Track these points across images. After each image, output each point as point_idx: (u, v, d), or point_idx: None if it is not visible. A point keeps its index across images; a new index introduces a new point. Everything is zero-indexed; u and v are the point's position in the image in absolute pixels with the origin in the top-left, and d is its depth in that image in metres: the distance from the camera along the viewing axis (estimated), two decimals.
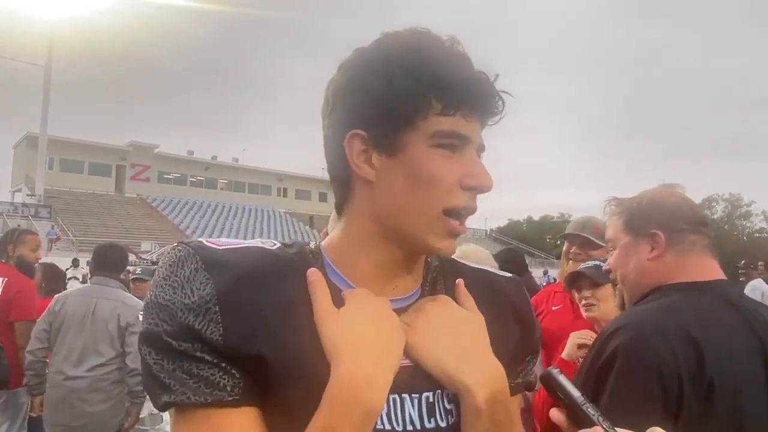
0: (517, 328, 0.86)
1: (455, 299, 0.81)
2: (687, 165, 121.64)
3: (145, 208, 42.69)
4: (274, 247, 0.78)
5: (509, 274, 0.96)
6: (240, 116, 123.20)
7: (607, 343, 1.17)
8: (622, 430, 0.71)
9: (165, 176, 48.23)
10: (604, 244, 2.79)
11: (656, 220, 1.31)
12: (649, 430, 0.69)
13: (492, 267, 1.01)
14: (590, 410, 0.76)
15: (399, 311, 0.77)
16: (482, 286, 0.86)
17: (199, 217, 42.29)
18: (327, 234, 1.00)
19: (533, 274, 5.48)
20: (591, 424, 0.74)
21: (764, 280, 7.69)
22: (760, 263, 8.41)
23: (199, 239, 0.75)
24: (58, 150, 39.99)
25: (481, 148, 0.78)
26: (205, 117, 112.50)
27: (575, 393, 0.79)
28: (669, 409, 1.07)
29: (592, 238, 2.78)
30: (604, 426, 0.73)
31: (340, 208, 0.81)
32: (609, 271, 1.46)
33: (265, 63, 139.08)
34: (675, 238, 1.28)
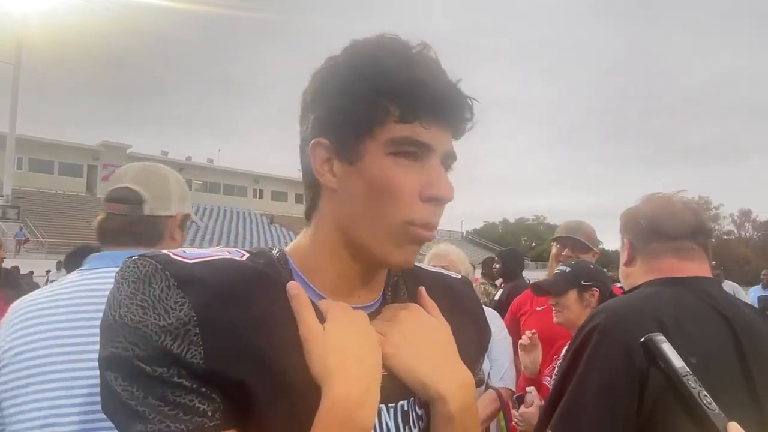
0: (474, 330, 0.90)
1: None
2: (659, 169, 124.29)
3: None
4: (243, 258, 0.75)
5: (459, 275, 0.99)
6: (215, 116, 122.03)
7: (584, 327, 1.28)
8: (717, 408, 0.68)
9: None
10: (594, 248, 2.84)
11: (627, 230, 1.50)
12: (729, 424, 0.68)
13: (466, 268, 1.03)
14: (691, 383, 0.73)
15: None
16: (442, 290, 0.88)
17: None
18: None
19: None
20: (690, 397, 0.71)
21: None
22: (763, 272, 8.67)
23: (164, 251, 0.70)
24: (27, 149, 39.08)
25: (448, 157, 0.75)
26: (179, 117, 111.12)
27: (677, 363, 0.75)
28: (634, 383, 1.13)
29: (585, 241, 2.82)
30: (705, 402, 0.71)
31: (308, 215, 0.80)
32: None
33: (242, 62, 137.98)
34: (639, 246, 1.46)
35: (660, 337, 0.77)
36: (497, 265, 5.64)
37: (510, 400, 2.56)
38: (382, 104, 0.70)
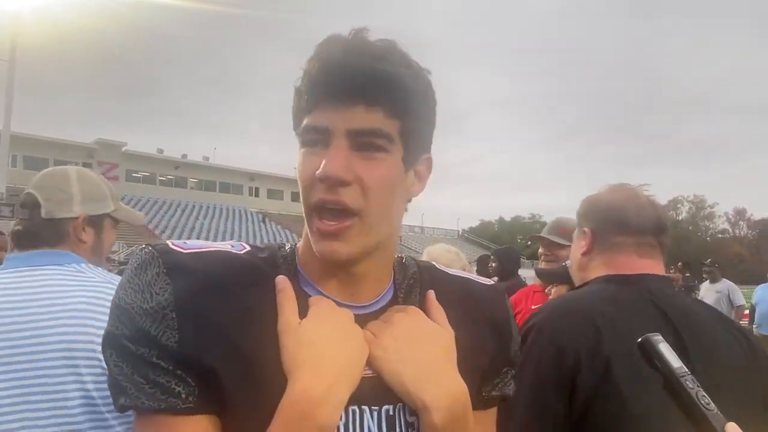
0: (494, 339, 0.85)
1: (425, 311, 0.79)
2: (656, 167, 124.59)
3: None
4: (242, 252, 0.76)
5: (490, 281, 0.94)
6: (211, 114, 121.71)
7: (526, 324, 1.28)
8: (716, 409, 0.68)
9: (133, 175, 47.29)
10: (567, 244, 2.86)
11: (589, 218, 1.44)
12: (727, 425, 0.67)
13: (464, 267, 1.01)
14: (689, 383, 0.71)
15: (364, 318, 0.76)
16: (459, 295, 0.85)
17: (168, 216, 41.55)
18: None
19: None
20: (688, 397, 0.70)
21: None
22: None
23: (168, 241, 0.74)
24: (22, 147, 38.93)
25: (362, 134, 0.69)
26: (175, 115, 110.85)
27: (675, 363, 0.73)
28: (563, 382, 1.15)
29: (554, 239, 2.84)
30: (702, 402, 0.68)
31: None
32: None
33: (237, 60, 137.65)
34: (600, 236, 1.40)
35: (657, 338, 0.75)
36: (493, 264, 5.65)
37: None
38: (301, 97, 0.73)
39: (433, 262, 0.92)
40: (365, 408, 0.71)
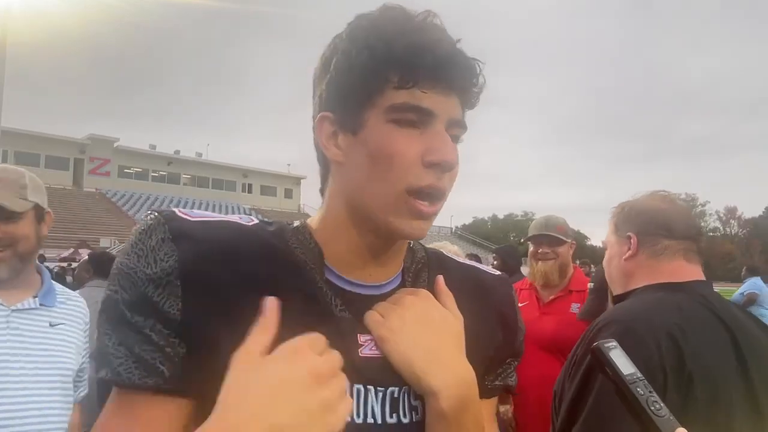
0: (500, 329, 0.85)
1: (435, 296, 0.79)
2: (647, 165, 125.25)
3: (105, 203, 41.52)
4: (250, 224, 0.75)
5: (498, 272, 0.95)
6: (204, 110, 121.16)
7: (597, 337, 1.23)
8: (668, 413, 0.67)
9: (125, 170, 46.96)
10: (567, 240, 2.88)
11: (633, 224, 1.42)
12: (677, 430, 0.66)
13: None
14: (639, 390, 0.71)
15: (374, 299, 0.76)
16: (468, 283, 0.85)
17: None
18: None
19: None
20: (636, 403, 0.69)
21: None
22: None
23: (173, 208, 0.72)
24: (13, 142, 38.53)
25: (455, 125, 0.73)
26: (168, 110, 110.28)
27: (626, 370, 0.72)
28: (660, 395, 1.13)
29: (558, 236, 2.85)
30: (652, 408, 0.68)
31: (322, 191, 0.80)
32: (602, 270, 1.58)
33: (231, 55, 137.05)
34: (647, 241, 1.38)
35: (609, 344, 0.75)
36: (495, 262, 5.65)
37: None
38: (381, 72, 0.69)
39: (441, 249, 0.92)
40: (371, 388, 0.71)
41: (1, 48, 13.06)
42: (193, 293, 0.65)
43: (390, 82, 0.69)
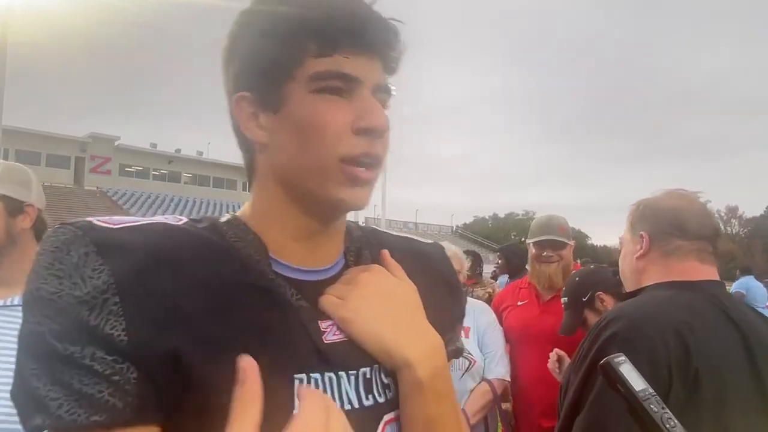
0: (447, 294, 0.86)
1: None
2: (647, 164, 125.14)
3: (106, 201, 41.55)
4: (180, 223, 0.69)
5: (430, 241, 0.95)
6: (205, 108, 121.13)
7: (603, 332, 1.25)
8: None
9: (126, 169, 46.92)
10: (570, 242, 2.86)
11: (647, 222, 1.42)
12: None
13: (462, 267, 1.00)
14: (653, 407, 0.69)
15: (324, 283, 0.73)
16: (408, 253, 0.84)
17: (162, 211, 41.33)
18: None
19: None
20: (651, 422, 0.67)
21: None
22: None
23: (88, 218, 0.64)
24: (14, 140, 38.58)
25: (381, 90, 0.70)
26: (168, 108, 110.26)
27: (638, 386, 0.70)
28: (657, 394, 1.13)
29: (562, 239, 2.83)
30: (667, 426, 0.66)
31: (249, 178, 0.76)
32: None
33: None
34: (659, 241, 1.38)
35: (618, 359, 0.73)
36: (500, 261, 5.64)
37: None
38: (298, 41, 0.65)
39: (374, 226, 0.91)
40: (342, 374, 0.68)
41: (2, 47, 13.06)
42: (136, 308, 0.57)
43: (309, 50, 0.65)
